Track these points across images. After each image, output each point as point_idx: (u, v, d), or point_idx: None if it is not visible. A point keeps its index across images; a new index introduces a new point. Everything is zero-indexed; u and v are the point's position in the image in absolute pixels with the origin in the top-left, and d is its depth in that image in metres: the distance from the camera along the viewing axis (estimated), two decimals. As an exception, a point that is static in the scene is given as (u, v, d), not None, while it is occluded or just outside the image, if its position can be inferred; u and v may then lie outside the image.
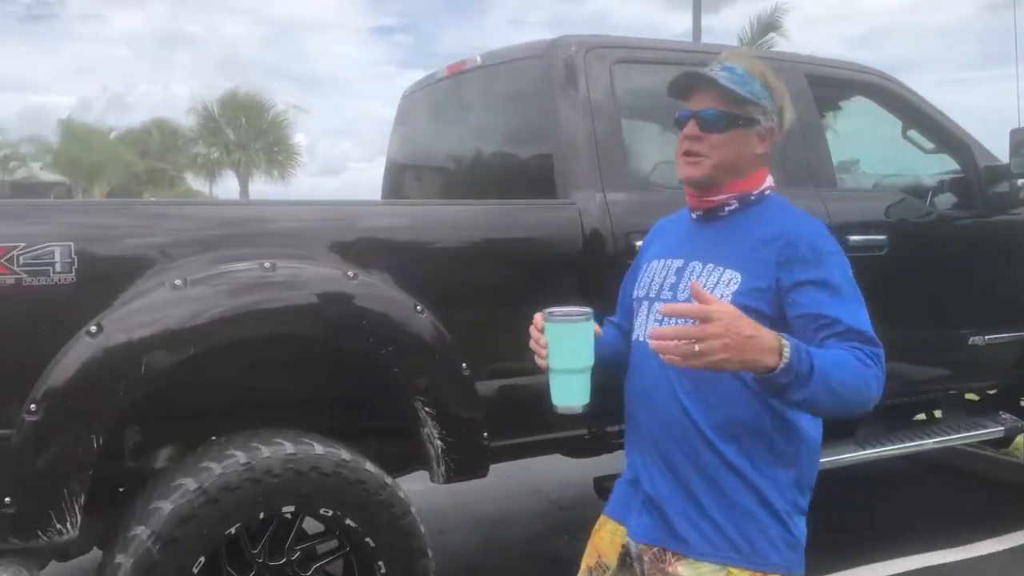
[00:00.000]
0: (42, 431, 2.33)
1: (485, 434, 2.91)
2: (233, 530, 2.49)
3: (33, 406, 2.32)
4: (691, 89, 1.94)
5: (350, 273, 2.69)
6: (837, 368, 1.63)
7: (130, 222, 2.59)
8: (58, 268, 2.35)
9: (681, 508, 1.83)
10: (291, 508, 2.56)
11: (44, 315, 2.36)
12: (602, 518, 2.06)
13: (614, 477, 3.21)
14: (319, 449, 2.60)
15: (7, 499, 2.31)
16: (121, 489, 2.83)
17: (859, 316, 1.77)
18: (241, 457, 2.50)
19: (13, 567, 2.41)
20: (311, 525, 2.71)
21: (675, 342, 1.56)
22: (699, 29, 13.78)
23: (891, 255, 3.69)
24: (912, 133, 4.25)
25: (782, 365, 1.57)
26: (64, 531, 2.36)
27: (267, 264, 2.58)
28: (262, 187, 43.82)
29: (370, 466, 2.68)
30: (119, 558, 2.39)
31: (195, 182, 49.26)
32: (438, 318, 2.81)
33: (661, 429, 1.87)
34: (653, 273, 1.99)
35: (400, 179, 4.47)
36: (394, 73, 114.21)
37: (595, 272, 3.08)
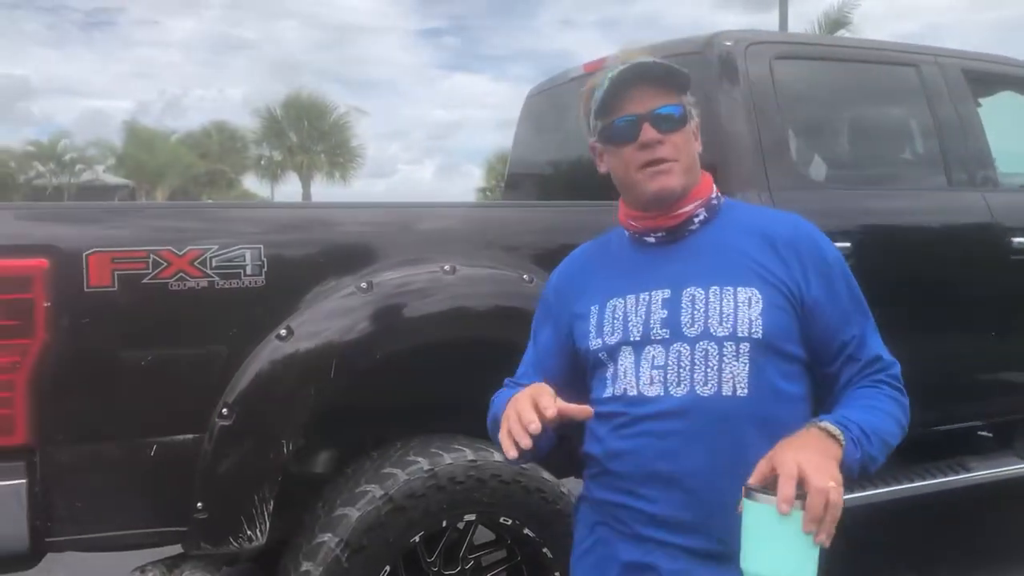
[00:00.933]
0: (234, 436, 2.30)
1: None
2: (417, 538, 2.44)
3: (225, 410, 2.29)
4: (625, 90, 1.62)
5: (526, 276, 2.62)
6: (884, 421, 1.55)
7: (313, 224, 2.55)
8: (248, 271, 2.32)
9: None
10: (472, 516, 2.51)
11: (234, 318, 2.33)
12: None
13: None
14: (498, 456, 2.52)
15: (199, 504, 2.29)
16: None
17: (875, 335, 1.66)
18: (424, 463, 2.44)
19: (199, 572, 2.39)
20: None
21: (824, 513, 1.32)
22: (785, 24, 13.55)
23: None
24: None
25: (845, 444, 1.45)
26: (254, 537, 2.33)
27: (447, 267, 2.52)
28: (322, 189, 44.42)
29: (547, 474, 2.61)
30: (306, 566, 2.35)
31: (255, 184, 50.14)
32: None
33: (701, 509, 1.54)
34: (624, 313, 1.64)
35: (529, 180, 4.40)
36: (441, 75, 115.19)
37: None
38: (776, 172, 3.07)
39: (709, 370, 1.55)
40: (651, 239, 1.70)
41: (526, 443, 1.43)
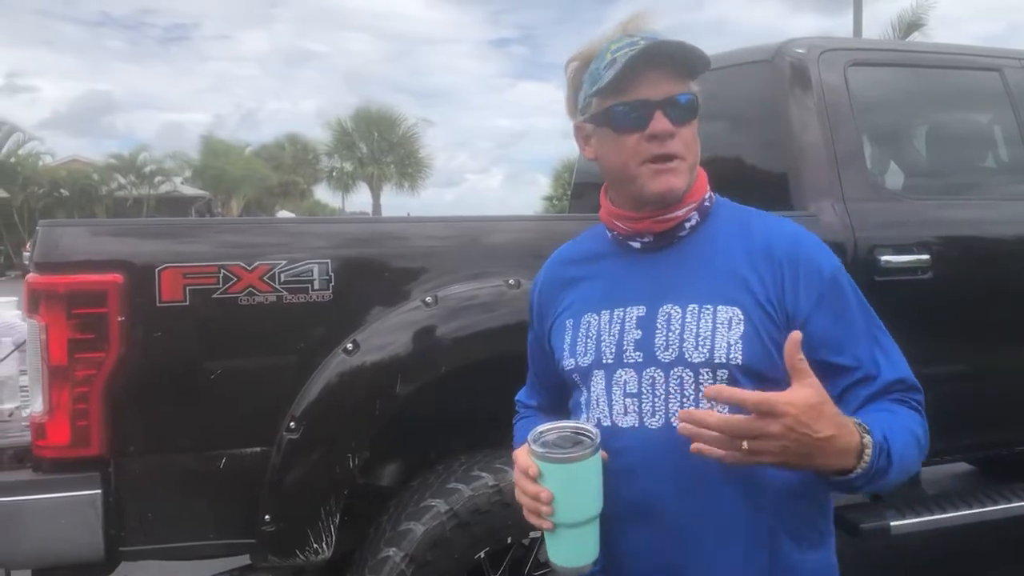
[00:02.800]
0: (301, 449, 2.32)
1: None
2: (482, 555, 2.42)
3: (292, 423, 2.31)
4: (640, 70, 1.40)
5: (592, 290, 2.59)
6: (907, 447, 1.34)
7: (379, 239, 2.57)
8: (316, 286, 2.34)
9: None
10: (538, 533, 2.47)
11: (302, 332, 2.35)
12: None
13: (864, 511, 3.01)
14: (564, 472, 2.50)
15: (267, 516, 2.31)
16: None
17: (892, 356, 1.44)
18: (489, 479, 2.43)
19: (264, 585, 2.41)
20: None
21: (714, 433, 1.22)
22: (860, 28, 13.25)
23: None
24: None
25: (860, 470, 1.26)
26: (320, 550, 2.35)
27: (511, 281, 2.51)
28: (392, 199, 45.12)
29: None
30: (372, 580, 2.36)
31: (326, 194, 51.19)
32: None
33: (678, 547, 1.40)
34: (597, 331, 1.48)
35: (595, 190, 4.36)
36: (507, 84, 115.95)
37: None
38: (850, 182, 2.99)
39: (685, 400, 1.39)
40: (636, 244, 1.52)
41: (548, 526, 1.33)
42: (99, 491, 2.21)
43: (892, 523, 2.90)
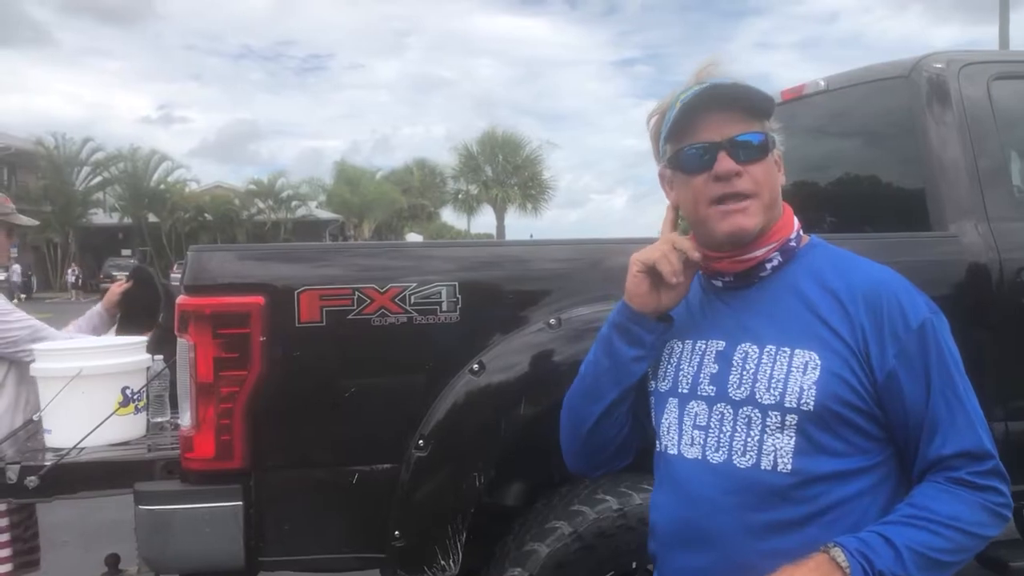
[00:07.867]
0: (429, 466, 2.37)
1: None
2: (606, 579, 2.42)
3: (421, 442, 2.37)
4: (699, 114, 1.46)
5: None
6: (933, 534, 1.32)
7: (505, 262, 2.62)
8: (444, 307, 2.40)
9: None
10: (663, 559, 2.45)
11: (430, 352, 2.41)
12: None
13: (1012, 548, 2.85)
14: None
15: (396, 532, 2.37)
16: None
17: (960, 423, 1.38)
18: (613, 503, 2.42)
19: (392, 599, 2.47)
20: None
21: None
22: (1007, 37, 12.61)
23: None
24: None
25: (849, 571, 1.28)
26: (447, 567, 2.39)
27: (635, 303, 2.50)
28: (515, 220, 45.63)
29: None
30: (497, 599, 2.38)
31: (452, 217, 52.29)
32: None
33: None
34: (677, 359, 1.54)
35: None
36: (633, 104, 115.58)
37: (979, 316, 2.74)
38: (995, 201, 2.85)
39: (750, 439, 1.42)
40: (718, 283, 1.55)
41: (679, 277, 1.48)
42: (240, 503, 2.32)
43: (1044, 563, 2.72)
